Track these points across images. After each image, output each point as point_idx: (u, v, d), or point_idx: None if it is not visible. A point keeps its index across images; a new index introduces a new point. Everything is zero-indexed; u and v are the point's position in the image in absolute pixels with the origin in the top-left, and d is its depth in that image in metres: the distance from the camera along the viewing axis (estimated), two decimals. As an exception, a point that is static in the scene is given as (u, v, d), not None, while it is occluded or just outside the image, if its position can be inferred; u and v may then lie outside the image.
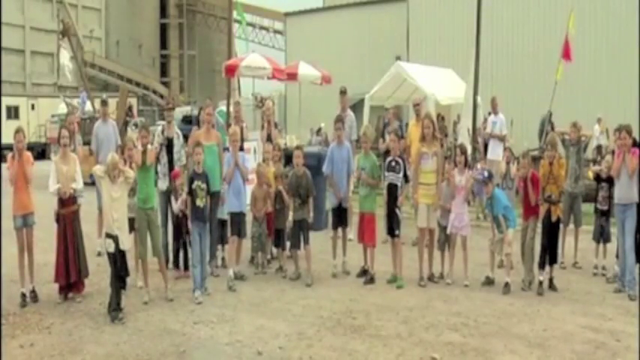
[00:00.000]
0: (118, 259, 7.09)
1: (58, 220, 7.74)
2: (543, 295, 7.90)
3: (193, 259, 7.93)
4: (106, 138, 10.24)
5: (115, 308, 7.02)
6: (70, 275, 7.65)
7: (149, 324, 6.90)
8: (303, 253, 8.69)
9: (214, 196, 8.48)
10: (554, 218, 8.14)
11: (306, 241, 8.65)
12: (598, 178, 8.89)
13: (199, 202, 7.85)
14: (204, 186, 7.88)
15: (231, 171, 8.54)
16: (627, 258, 7.97)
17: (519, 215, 8.49)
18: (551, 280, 8.16)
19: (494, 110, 13.44)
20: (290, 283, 8.55)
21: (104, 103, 10.85)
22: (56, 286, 7.79)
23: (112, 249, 7.07)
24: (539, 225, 8.28)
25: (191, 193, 7.86)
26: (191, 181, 7.90)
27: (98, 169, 7.25)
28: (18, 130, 7.61)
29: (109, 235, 7.11)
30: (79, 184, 7.81)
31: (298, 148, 8.99)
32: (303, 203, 8.64)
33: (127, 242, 7.25)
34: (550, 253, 8.11)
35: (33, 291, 7.73)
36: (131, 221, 7.81)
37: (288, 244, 9.26)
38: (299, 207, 8.65)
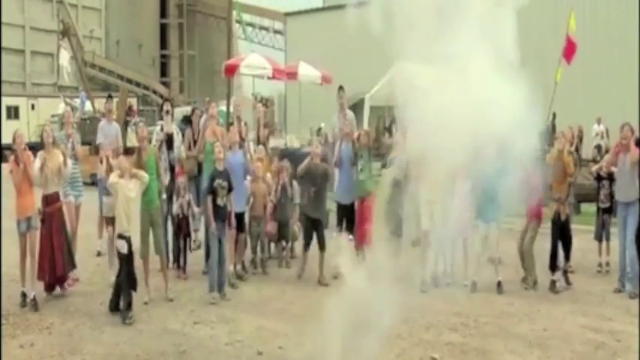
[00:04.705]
0: (131, 261, 7.07)
1: (43, 221, 7.50)
2: (555, 294, 7.93)
3: (211, 262, 7.72)
4: (109, 140, 10.15)
5: (126, 308, 6.98)
6: (56, 270, 7.55)
7: (149, 324, 6.90)
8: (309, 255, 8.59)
9: None
10: (563, 217, 8.15)
11: (322, 247, 8.38)
12: (599, 176, 8.89)
13: (220, 201, 7.65)
14: (225, 184, 7.67)
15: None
16: (628, 252, 7.98)
17: (520, 215, 8.50)
18: (565, 271, 8.26)
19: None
20: (290, 283, 8.53)
21: (110, 97, 10.65)
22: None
23: (125, 250, 7.03)
24: (544, 227, 8.28)
25: (213, 191, 7.65)
26: (212, 179, 7.68)
27: (112, 177, 7.12)
28: (17, 135, 7.52)
29: (121, 237, 7.08)
30: (67, 170, 7.70)
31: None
32: (317, 193, 8.40)
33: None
34: (564, 251, 8.20)
35: (33, 299, 7.42)
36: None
37: (293, 242, 9.21)
38: (313, 201, 8.46)
